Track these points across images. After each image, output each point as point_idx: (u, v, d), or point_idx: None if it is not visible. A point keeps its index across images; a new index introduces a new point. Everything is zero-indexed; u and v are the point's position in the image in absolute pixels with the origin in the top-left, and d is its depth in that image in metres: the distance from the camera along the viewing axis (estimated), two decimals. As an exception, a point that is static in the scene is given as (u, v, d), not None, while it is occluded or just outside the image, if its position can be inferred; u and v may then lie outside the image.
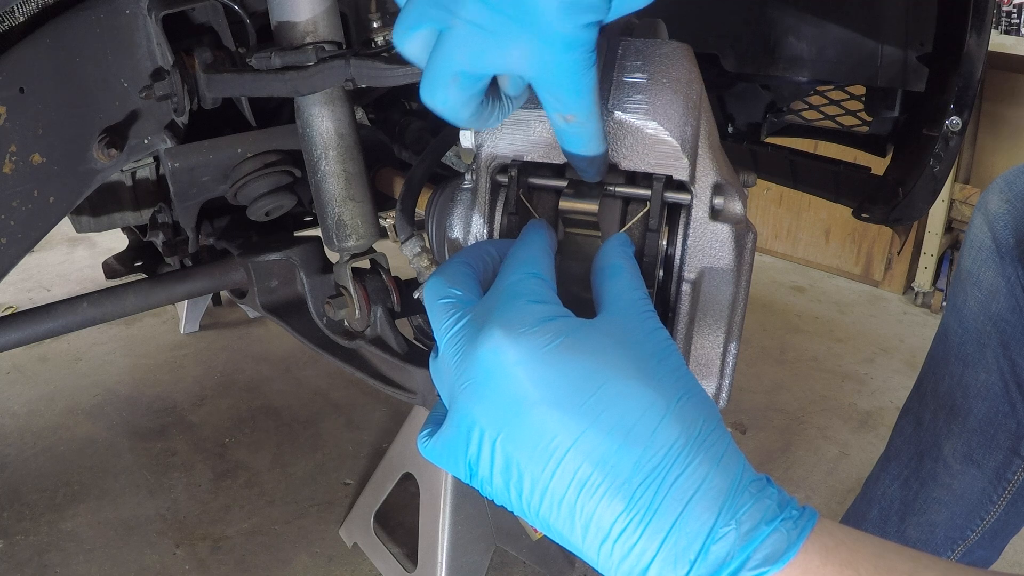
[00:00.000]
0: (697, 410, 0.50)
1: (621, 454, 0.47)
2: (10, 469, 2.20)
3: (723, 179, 0.68)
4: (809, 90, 1.79)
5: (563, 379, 0.48)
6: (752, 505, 0.47)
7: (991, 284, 1.27)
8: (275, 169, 1.40)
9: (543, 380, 0.48)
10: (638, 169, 0.65)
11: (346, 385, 2.56)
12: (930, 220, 3.02)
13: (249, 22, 1.18)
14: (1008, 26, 2.68)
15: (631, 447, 0.47)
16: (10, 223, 1.16)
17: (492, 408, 0.49)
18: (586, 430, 0.47)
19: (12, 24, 1.08)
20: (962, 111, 1.34)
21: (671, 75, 0.66)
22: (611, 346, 0.50)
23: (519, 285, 0.54)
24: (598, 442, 0.47)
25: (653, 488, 0.46)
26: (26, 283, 3.28)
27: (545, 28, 0.49)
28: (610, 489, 0.47)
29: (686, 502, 0.46)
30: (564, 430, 0.47)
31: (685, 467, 0.47)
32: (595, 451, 0.47)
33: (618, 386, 0.48)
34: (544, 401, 0.48)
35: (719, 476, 0.47)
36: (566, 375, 0.48)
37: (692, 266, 0.68)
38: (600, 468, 0.47)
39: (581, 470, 0.47)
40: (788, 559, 0.45)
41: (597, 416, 0.47)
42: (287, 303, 1.56)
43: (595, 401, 0.48)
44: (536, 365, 0.49)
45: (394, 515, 1.93)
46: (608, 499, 0.47)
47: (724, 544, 0.46)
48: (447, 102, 0.55)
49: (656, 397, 0.49)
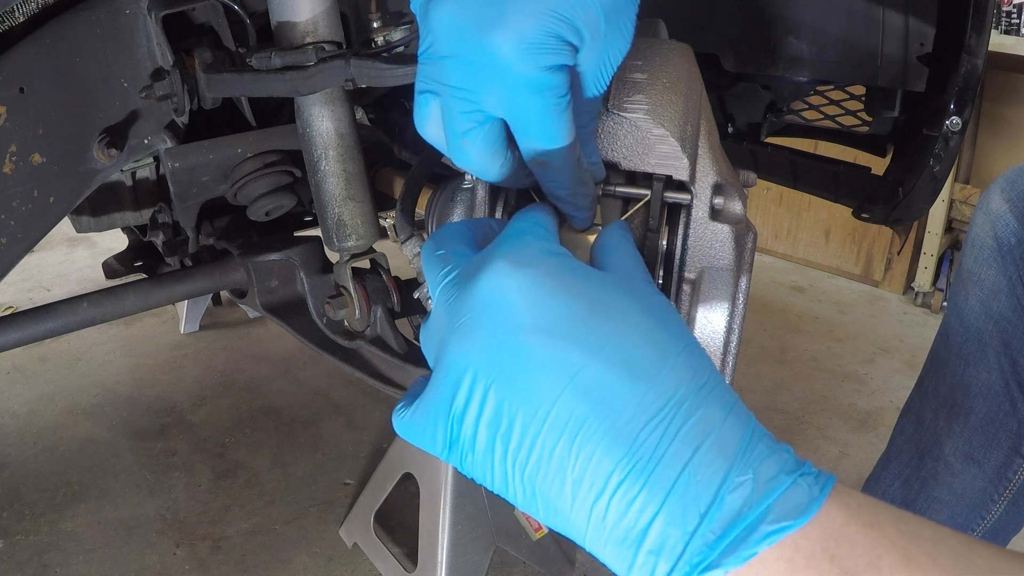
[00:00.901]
0: (705, 360, 0.46)
1: (624, 393, 0.42)
2: (10, 469, 2.20)
3: (723, 179, 0.68)
4: (809, 90, 1.79)
5: (566, 308, 0.44)
6: (770, 456, 0.42)
7: (992, 283, 1.27)
8: (275, 169, 1.40)
9: (544, 308, 0.44)
10: (638, 169, 0.65)
11: (346, 385, 2.56)
12: (930, 220, 3.02)
13: (249, 22, 1.18)
14: (1008, 26, 2.68)
15: (635, 384, 0.42)
16: (10, 223, 1.16)
17: (486, 344, 0.45)
18: (586, 364, 0.43)
19: (12, 24, 1.08)
20: (962, 111, 1.34)
21: (671, 75, 0.66)
22: (618, 288, 0.47)
23: (523, 231, 0.52)
24: (599, 378, 0.42)
25: (659, 431, 0.42)
26: (26, 283, 3.28)
27: (508, 72, 0.50)
28: (608, 433, 0.42)
29: (696, 447, 0.41)
30: (562, 364, 0.43)
31: (696, 411, 0.42)
32: (595, 389, 0.42)
33: (624, 320, 0.45)
34: (543, 330, 0.44)
35: (733, 423, 0.43)
36: (570, 305, 0.45)
37: (692, 266, 0.68)
38: (599, 408, 0.42)
39: (577, 411, 0.42)
40: (812, 513, 0.41)
41: (600, 349, 0.43)
42: (287, 303, 1.56)
43: (599, 334, 0.44)
44: (538, 293, 0.45)
45: (394, 515, 1.93)
46: (606, 445, 0.41)
47: (740, 494, 0.41)
48: (472, 163, 0.56)
49: (664, 335, 0.45)
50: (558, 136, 0.54)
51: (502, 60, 0.50)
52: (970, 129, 2.82)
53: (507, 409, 0.44)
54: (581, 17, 0.50)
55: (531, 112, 0.52)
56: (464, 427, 0.45)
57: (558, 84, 0.52)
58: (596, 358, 0.43)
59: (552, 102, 0.52)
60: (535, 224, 0.54)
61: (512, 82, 0.51)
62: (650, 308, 0.46)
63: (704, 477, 0.41)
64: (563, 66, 0.52)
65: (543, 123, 0.53)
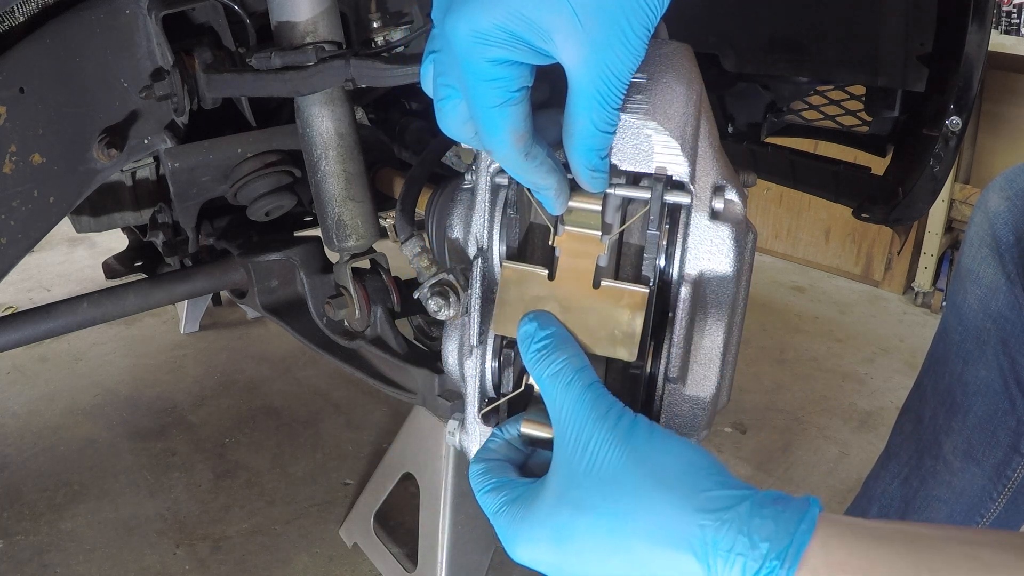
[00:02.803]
0: (646, 506, 0.55)
1: None
2: (10, 469, 2.20)
3: (723, 179, 0.68)
4: (809, 90, 1.79)
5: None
6: (729, 570, 0.51)
7: (991, 282, 1.27)
8: (275, 169, 1.40)
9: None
10: (638, 170, 0.65)
11: (346, 385, 2.56)
12: (930, 220, 3.02)
13: (249, 22, 1.18)
14: (1008, 26, 2.68)
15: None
16: (10, 223, 1.16)
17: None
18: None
19: (12, 24, 1.08)
20: (962, 111, 1.34)
21: (671, 75, 0.66)
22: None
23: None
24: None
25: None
26: (26, 283, 3.28)
27: (459, 57, 0.54)
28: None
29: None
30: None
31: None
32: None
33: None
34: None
35: (691, 560, 0.52)
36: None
37: (692, 266, 0.68)
38: None
39: None
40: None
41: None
42: (287, 303, 1.56)
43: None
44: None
45: (394, 515, 1.93)
46: None
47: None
48: (444, 125, 0.61)
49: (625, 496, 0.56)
50: (494, 128, 0.56)
51: (455, 45, 0.53)
52: (970, 129, 2.82)
53: None
54: (546, 17, 0.50)
55: (474, 99, 0.55)
56: None
57: (504, 78, 0.53)
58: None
59: (495, 94, 0.54)
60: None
61: (462, 67, 0.54)
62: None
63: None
64: (513, 62, 0.53)
65: (482, 112, 0.55)
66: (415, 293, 0.79)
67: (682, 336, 0.67)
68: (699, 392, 0.68)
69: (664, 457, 0.55)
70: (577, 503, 0.56)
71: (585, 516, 0.56)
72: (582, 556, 0.56)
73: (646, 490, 0.54)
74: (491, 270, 0.71)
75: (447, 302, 0.77)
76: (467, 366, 0.72)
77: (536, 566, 0.59)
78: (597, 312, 0.63)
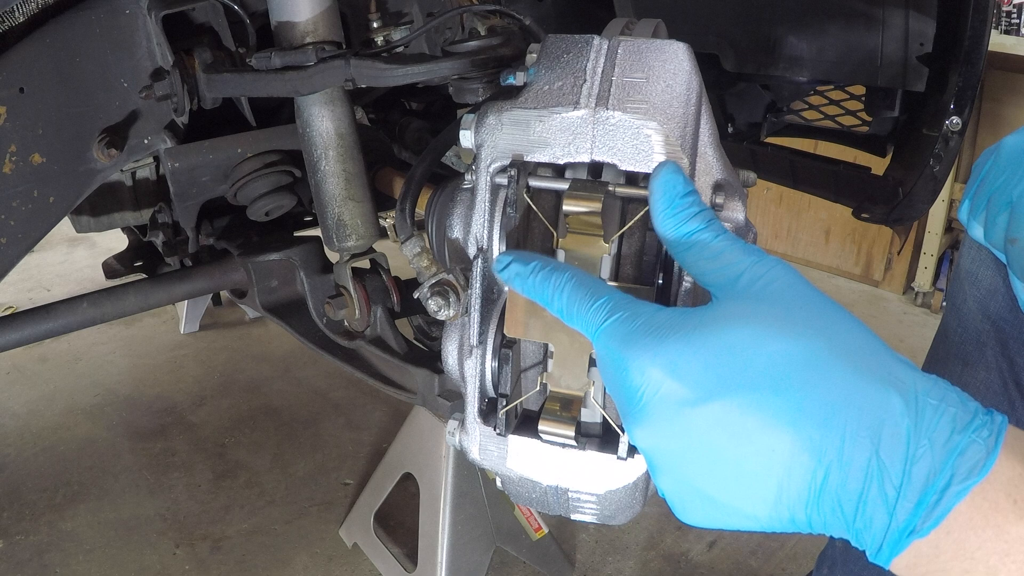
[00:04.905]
0: (846, 334, 0.51)
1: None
2: (10, 469, 2.20)
3: (723, 179, 0.68)
4: (809, 90, 1.79)
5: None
6: (940, 418, 0.47)
7: (990, 283, 1.27)
8: (275, 169, 1.39)
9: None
10: (638, 170, 0.65)
11: (346, 385, 2.56)
12: (930, 220, 3.02)
13: (249, 22, 1.18)
14: (1008, 26, 2.68)
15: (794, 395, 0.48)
16: (10, 223, 1.16)
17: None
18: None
19: (12, 24, 1.08)
20: (962, 111, 1.34)
21: (671, 75, 0.66)
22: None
23: None
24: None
25: (841, 431, 0.47)
26: (26, 283, 3.28)
27: None
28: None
29: (876, 435, 0.47)
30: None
31: (865, 402, 0.48)
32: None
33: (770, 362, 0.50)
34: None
35: (896, 401, 0.48)
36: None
37: (692, 266, 0.68)
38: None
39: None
40: (989, 468, 0.46)
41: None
42: (287, 303, 1.56)
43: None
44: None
45: (394, 515, 1.93)
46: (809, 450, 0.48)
47: (923, 465, 0.46)
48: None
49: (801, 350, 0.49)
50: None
51: None
52: (970, 129, 2.82)
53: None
54: None
55: None
56: None
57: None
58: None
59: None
60: None
61: None
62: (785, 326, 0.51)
63: (890, 458, 0.47)
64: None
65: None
66: (415, 293, 0.79)
67: (682, 336, 0.67)
68: (699, 392, 0.68)
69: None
70: (759, 320, 0.50)
71: (774, 336, 0.49)
72: (752, 382, 0.48)
73: (847, 325, 0.52)
74: (491, 270, 0.72)
75: (447, 302, 0.76)
76: (467, 366, 0.72)
77: (660, 404, 0.50)
78: None
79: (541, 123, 0.67)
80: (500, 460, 0.70)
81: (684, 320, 0.52)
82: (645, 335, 0.51)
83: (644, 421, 0.51)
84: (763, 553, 1.91)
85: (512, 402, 0.69)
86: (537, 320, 0.65)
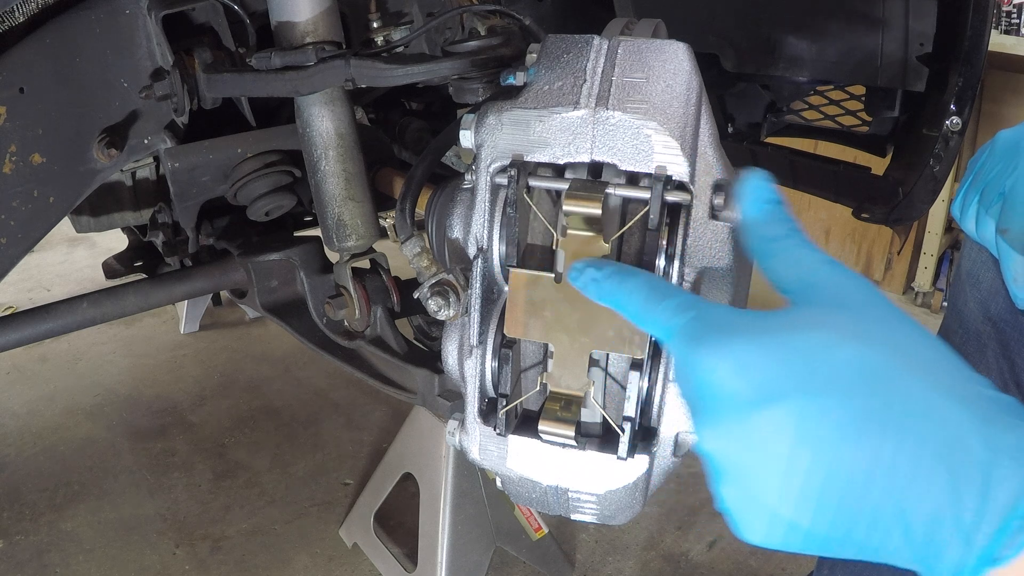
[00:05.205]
0: (922, 347, 0.49)
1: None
2: (10, 469, 2.20)
3: (723, 179, 0.68)
4: (809, 90, 1.79)
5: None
6: (1018, 437, 0.44)
7: (990, 285, 1.26)
8: (275, 169, 1.39)
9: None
10: (638, 170, 0.65)
11: (346, 385, 2.56)
12: (930, 220, 3.02)
13: (249, 22, 1.18)
14: (1008, 26, 2.68)
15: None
16: (10, 223, 1.16)
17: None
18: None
19: (12, 24, 1.08)
20: (962, 111, 1.34)
21: (671, 75, 0.66)
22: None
23: None
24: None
25: (910, 450, 0.44)
26: (26, 283, 3.28)
27: None
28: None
29: (950, 454, 0.44)
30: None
31: (935, 414, 0.45)
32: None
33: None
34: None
35: (971, 413, 0.45)
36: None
37: (692, 266, 0.68)
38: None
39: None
40: None
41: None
42: (287, 303, 1.56)
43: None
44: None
45: (394, 515, 1.93)
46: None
47: (1005, 487, 0.43)
48: None
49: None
50: None
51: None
52: (970, 129, 2.82)
53: None
54: None
55: None
56: None
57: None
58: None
59: None
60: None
61: None
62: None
63: (967, 479, 0.43)
64: None
65: None
66: (415, 293, 0.79)
67: (682, 336, 0.67)
68: (699, 392, 0.68)
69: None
70: (834, 327, 0.48)
71: (848, 343, 0.47)
72: (821, 387, 0.46)
73: (923, 339, 0.50)
74: (491, 270, 0.71)
75: (447, 302, 0.76)
76: (467, 366, 0.72)
77: (727, 403, 0.48)
78: (605, 312, 0.63)
79: (541, 123, 0.67)
80: (500, 460, 0.70)
81: (757, 321, 0.51)
82: (716, 334, 0.51)
83: (711, 422, 0.49)
84: (763, 553, 1.91)
85: (512, 402, 0.68)
86: (537, 320, 0.65)
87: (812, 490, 0.46)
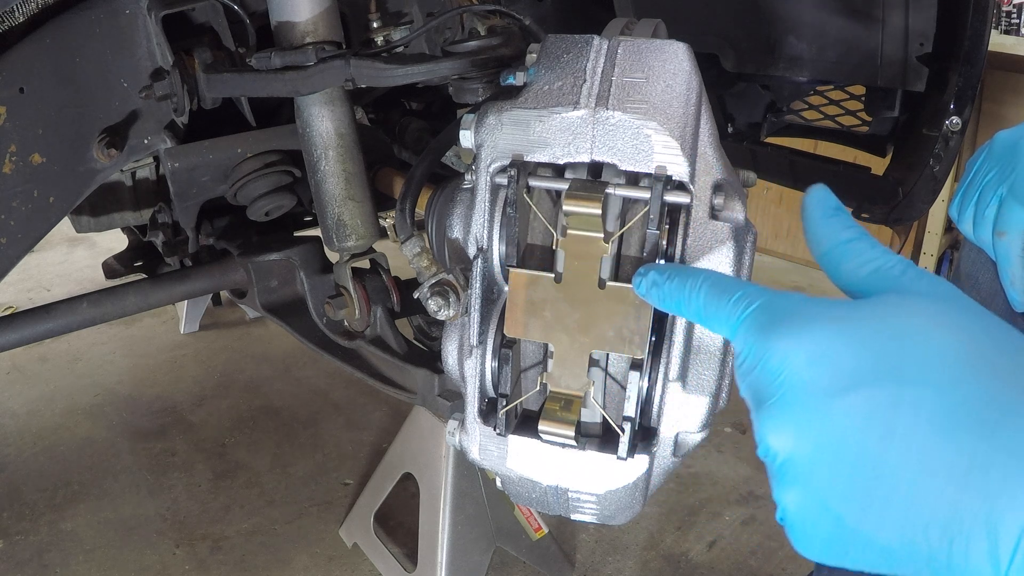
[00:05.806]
0: (1006, 340, 0.46)
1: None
2: (10, 469, 2.20)
3: (723, 179, 0.68)
4: (809, 90, 1.79)
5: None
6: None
7: (989, 286, 1.26)
8: (275, 169, 1.40)
9: None
10: (638, 170, 0.65)
11: (346, 385, 2.56)
12: (930, 220, 3.02)
13: (249, 22, 1.18)
14: (1008, 26, 2.68)
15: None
16: (10, 223, 1.16)
17: None
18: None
19: (12, 24, 1.08)
20: (962, 111, 1.34)
21: (671, 75, 0.66)
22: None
23: None
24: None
25: (1004, 451, 0.40)
26: (26, 283, 3.28)
27: None
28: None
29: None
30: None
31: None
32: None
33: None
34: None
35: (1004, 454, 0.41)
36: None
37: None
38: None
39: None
40: None
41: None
42: (287, 303, 1.56)
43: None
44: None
45: (394, 515, 1.93)
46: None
47: None
48: None
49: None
50: None
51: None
52: (970, 129, 2.82)
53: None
54: None
55: None
56: None
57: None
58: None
59: None
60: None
61: None
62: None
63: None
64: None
65: None
66: (415, 293, 0.79)
67: (682, 336, 0.67)
68: (699, 392, 0.68)
69: None
70: (922, 314, 0.45)
71: (940, 329, 0.44)
72: (912, 376, 0.41)
73: (1008, 333, 0.47)
74: (491, 270, 0.71)
75: (447, 302, 0.76)
76: (467, 366, 0.72)
77: (800, 393, 0.44)
78: (605, 312, 0.63)
79: (541, 123, 0.67)
80: (500, 460, 0.70)
81: (833, 309, 0.48)
82: (789, 320, 0.48)
83: (779, 415, 0.45)
84: (763, 553, 1.91)
85: (512, 402, 0.69)
86: (537, 320, 0.65)
87: (888, 490, 0.42)
